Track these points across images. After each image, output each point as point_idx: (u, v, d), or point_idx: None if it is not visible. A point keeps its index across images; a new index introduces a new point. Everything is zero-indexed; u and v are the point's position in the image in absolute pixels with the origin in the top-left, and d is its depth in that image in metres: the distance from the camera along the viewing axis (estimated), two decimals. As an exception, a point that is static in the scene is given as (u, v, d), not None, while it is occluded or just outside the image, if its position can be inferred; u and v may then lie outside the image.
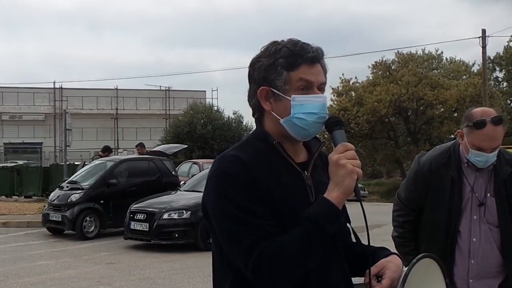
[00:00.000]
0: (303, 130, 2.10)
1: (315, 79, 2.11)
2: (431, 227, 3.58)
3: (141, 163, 17.74)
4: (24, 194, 27.98)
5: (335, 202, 1.96)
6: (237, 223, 1.99)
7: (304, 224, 1.95)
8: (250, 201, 2.00)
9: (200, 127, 35.82)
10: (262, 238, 1.95)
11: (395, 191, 17.31)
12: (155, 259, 12.44)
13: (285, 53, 2.11)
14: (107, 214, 15.80)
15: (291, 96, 2.09)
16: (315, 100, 2.10)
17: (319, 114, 2.09)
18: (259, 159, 2.09)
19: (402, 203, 3.79)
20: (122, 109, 55.25)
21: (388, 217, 14.96)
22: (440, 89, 35.73)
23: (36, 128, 53.91)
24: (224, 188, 2.03)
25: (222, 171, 2.06)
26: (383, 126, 37.32)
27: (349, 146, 2.00)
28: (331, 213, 1.95)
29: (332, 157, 1.99)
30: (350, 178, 1.95)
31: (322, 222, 1.94)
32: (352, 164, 1.96)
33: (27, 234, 16.43)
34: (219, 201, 2.03)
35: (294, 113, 2.09)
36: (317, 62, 2.13)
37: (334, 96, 38.87)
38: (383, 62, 39.06)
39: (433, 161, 3.59)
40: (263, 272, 1.93)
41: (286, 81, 2.10)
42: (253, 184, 2.02)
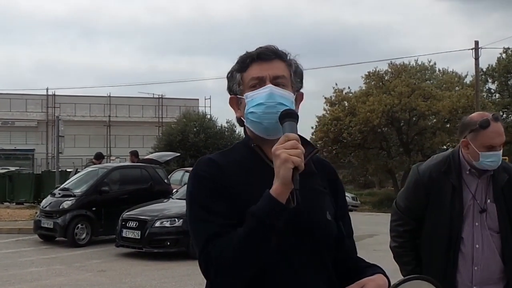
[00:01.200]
0: (258, 124, 2.13)
1: (266, 74, 2.15)
2: (433, 235, 3.60)
3: (133, 170, 17.73)
4: (15, 201, 27.84)
5: (274, 194, 1.93)
6: (198, 221, 2.07)
7: (247, 220, 1.96)
8: (212, 200, 2.06)
9: (193, 136, 35.82)
10: (215, 236, 1.99)
11: (387, 201, 17.43)
12: (146, 267, 12.42)
13: (239, 59, 2.22)
14: (99, 222, 15.78)
15: (244, 95, 2.17)
16: (262, 91, 2.12)
17: (266, 103, 2.10)
18: (238, 162, 2.15)
19: (401, 212, 3.79)
20: (115, 116, 55.15)
21: (380, 227, 14.99)
22: (433, 100, 35.86)
23: (28, 135, 53.75)
24: (193, 189, 2.13)
25: (195, 173, 2.16)
26: (375, 136, 37.40)
27: (291, 136, 1.95)
28: (270, 205, 1.93)
29: (273, 148, 1.97)
30: (284, 167, 1.90)
31: (262, 215, 1.93)
32: (289, 153, 1.90)
33: (18, 241, 16.38)
34: (188, 201, 2.14)
35: (247, 109, 2.15)
36: (268, 59, 2.18)
37: (327, 105, 38.95)
38: (376, 73, 39.20)
39: (433, 170, 3.62)
40: (210, 269, 1.99)
41: (239, 83, 2.19)
42: (222, 186, 2.08)
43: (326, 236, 2.14)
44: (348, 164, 42.06)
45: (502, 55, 51.37)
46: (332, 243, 2.17)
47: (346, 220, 2.33)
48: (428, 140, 36.40)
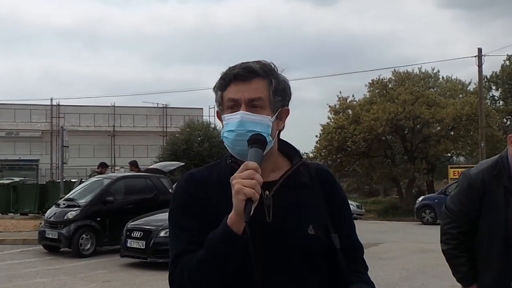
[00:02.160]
0: (231, 148, 2.14)
1: (241, 96, 2.09)
2: (489, 237, 3.64)
3: (138, 180, 17.72)
4: (20, 211, 27.84)
5: (229, 223, 1.93)
6: (171, 237, 2.14)
7: (205, 246, 1.99)
8: (184, 217, 2.11)
9: (197, 145, 35.81)
10: (182, 254, 2.04)
11: (392, 209, 17.41)
12: (151, 277, 12.40)
13: (221, 75, 2.17)
14: (103, 232, 15.77)
15: (222, 115, 2.16)
16: (233, 117, 2.10)
17: (236, 131, 2.08)
18: (218, 178, 2.15)
19: (454, 215, 3.84)
20: (119, 126, 55.29)
21: (385, 235, 14.95)
22: (437, 107, 35.81)
23: (32, 145, 53.84)
24: (171, 204, 2.19)
25: (174, 189, 2.25)
26: (379, 144, 37.34)
27: (249, 165, 1.93)
28: (224, 234, 1.94)
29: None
30: (236, 198, 1.89)
31: (215, 243, 1.95)
32: (243, 184, 1.89)
33: (22, 252, 16.37)
34: (168, 216, 2.18)
35: (222, 132, 2.15)
36: (246, 79, 2.11)
37: (332, 114, 38.93)
38: (380, 81, 39.19)
39: (485, 174, 3.69)
40: (173, 286, 2.07)
41: (219, 101, 2.17)
42: (195, 201, 2.10)
43: (303, 251, 2.10)
44: (353, 173, 41.98)
45: (505, 62, 51.41)
46: (314, 257, 2.13)
47: (346, 230, 2.26)
48: (432, 147, 36.32)
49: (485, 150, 33.28)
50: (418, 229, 24.64)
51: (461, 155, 40.85)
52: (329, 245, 2.15)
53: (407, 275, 12.30)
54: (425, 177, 37.24)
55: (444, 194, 26.82)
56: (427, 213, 27.17)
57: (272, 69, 2.16)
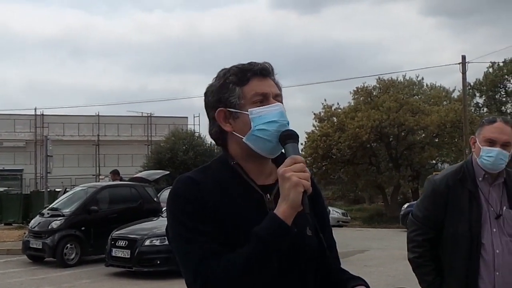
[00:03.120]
0: (267, 142, 2.08)
1: (270, 90, 2.12)
2: (453, 241, 3.63)
3: (122, 189, 17.69)
4: (4, 221, 27.66)
5: (282, 217, 1.93)
6: (185, 242, 2.02)
7: (251, 241, 1.94)
8: (197, 221, 2.02)
9: (182, 154, 35.78)
10: (209, 257, 1.96)
11: (377, 216, 17.49)
12: (137, 286, 12.36)
13: (234, 71, 2.15)
14: (88, 241, 15.68)
15: (248, 110, 2.10)
16: (273, 109, 2.09)
17: (280, 121, 2.08)
18: (216, 181, 2.10)
19: (420, 222, 3.83)
20: (103, 135, 55.03)
21: (371, 242, 14.94)
22: (421, 114, 36.00)
23: (16, 155, 53.48)
24: (174, 209, 2.08)
25: (174, 193, 2.10)
26: (364, 151, 37.46)
27: (298, 159, 1.96)
28: (278, 228, 1.93)
29: (279, 170, 1.96)
30: (295, 190, 1.91)
31: (268, 238, 1.93)
32: (299, 176, 1.91)
33: (6, 262, 16.25)
34: (171, 222, 2.09)
35: (254, 125, 2.08)
36: (267, 76, 2.15)
37: (316, 121, 39.02)
38: (365, 88, 39.34)
39: (449, 178, 3.70)
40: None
41: (240, 96, 2.11)
42: (202, 205, 2.04)
43: (308, 251, 2.14)
44: (338, 180, 42.05)
45: (489, 69, 51.82)
46: (314, 257, 2.17)
47: (327, 231, 2.31)
48: (417, 155, 36.49)
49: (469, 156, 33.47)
50: (403, 236, 24.47)
51: (445, 162, 41.04)
52: (320, 245, 2.19)
53: (392, 282, 12.31)
54: (410, 184, 37.42)
55: (429, 201, 26.95)
56: (412, 220, 27.24)
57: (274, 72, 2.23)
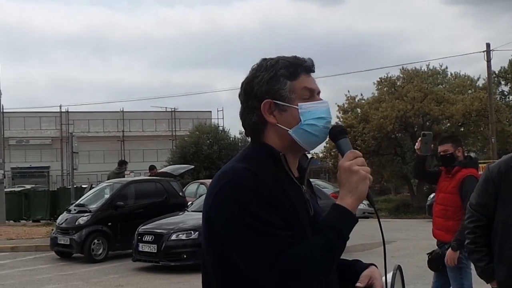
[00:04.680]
0: (314, 137, 2.14)
1: (316, 87, 2.18)
2: (504, 227, 3.62)
3: (148, 184, 17.75)
4: (32, 218, 27.99)
5: (350, 209, 2.01)
6: (259, 235, 1.95)
7: (325, 232, 1.97)
8: (269, 213, 1.98)
9: (206, 148, 35.81)
10: (285, 249, 1.94)
11: (403, 207, 17.42)
12: (164, 281, 12.40)
13: (284, 64, 2.15)
14: (115, 237, 15.77)
15: (297, 104, 2.12)
16: (322, 105, 2.16)
17: (327, 118, 2.16)
18: (265, 172, 2.07)
19: (473, 209, 3.85)
20: (128, 131, 55.40)
21: (397, 233, 14.89)
22: (446, 104, 35.65)
23: (43, 152, 54.06)
24: (242, 201, 1.98)
25: (237, 184, 2.01)
26: (389, 142, 37.21)
27: (358, 153, 2.07)
28: (348, 219, 2.00)
29: (343, 164, 2.04)
30: (364, 183, 2.01)
31: (343, 228, 1.99)
32: (365, 170, 2.03)
33: (35, 258, 16.41)
34: (238, 215, 1.97)
35: (304, 120, 2.12)
36: (313, 72, 2.21)
37: (340, 113, 38.85)
38: (388, 79, 39.05)
39: (502, 165, 3.70)
40: (291, 284, 1.92)
41: (291, 90, 2.13)
42: (268, 196, 2.00)
43: None
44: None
45: (514, 57, 51.15)
46: None
47: None
48: (442, 144, 36.18)
49: (496, 145, 33.12)
50: (430, 226, 24.35)
51: (471, 151, 40.61)
52: None
53: (420, 273, 12.22)
54: (436, 174, 37.09)
55: (456, 191, 26.71)
56: (439, 210, 27.03)
57: None
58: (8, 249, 18.00)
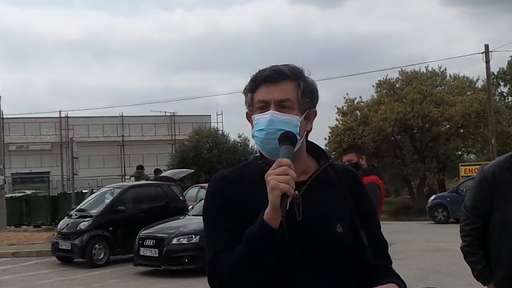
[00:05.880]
0: (261, 147, 2.21)
1: (271, 97, 2.19)
2: (500, 228, 3.62)
3: (148, 189, 17.79)
4: (33, 224, 28.01)
5: (266, 218, 2.00)
6: (208, 237, 2.21)
7: (243, 240, 2.05)
8: (220, 216, 2.17)
9: (206, 151, 35.83)
10: (221, 251, 2.10)
11: (403, 209, 17.47)
12: (165, 285, 12.43)
13: (252, 77, 2.25)
14: (116, 241, 15.81)
15: (252, 116, 2.23)
16: (263, 117, 2.18)
17: (266, 129, 2.16)
18: (250, 178, 2.21)
19: (468, 212, 3.84)
20: (128, 135, 55.40)
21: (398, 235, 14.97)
22: (445, 105, 35.67)
23: (43, 158, 54.03)
24: (206, 205, 2.26)
25: (207, 190, 2.31)
26: (389, 144, 37.22)
27: (283, 161, 2.00)
28: (262, 229, 2.01)
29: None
30: (272, 194, 1.96)
31: (253, 238, 2.02)
32: (278, 180, 1.95)
33: (37, 264, 16.44)
34: (203, 216, 2.26)
35: (252, 131, 2.22)
36: (275, 81, 2.20)
37: (339, 116, 38.85)
38: (387, 81, 39.07)
39: (496, 167, 3.70)
40: (213, 283, 2.12)
41: (249, 103, 2.26)
42: (229, 200, 2.17)
43: (334, 248, 2.17)
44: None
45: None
46: (343, 254, 2.20)
47: (372, 227, 2.33)
48: (442, 146, 36.17)
49: (495, 146, 33.14)
50: (430, 228, 24.55)
51: (471, 152, 40.67)
52: (357, 242, 2.23)
53: (421, 275, 12.27)
54: (436, 176, 37.08)
55: (456, 192, 26.73)
56: (439, 212, 27.04)
57: (300, 72, 2.26)
58: (9, 254, 18.04)
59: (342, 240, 2.17)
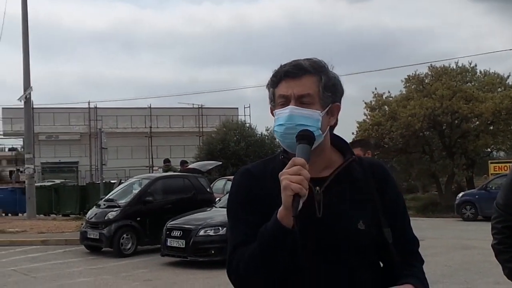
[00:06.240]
0: (281, 141, 2.22)
1: (291, 92, 2.18)
2: None
3: (176, 180, 17.87)
4: (61, 213, 28.32)
5: (279, 217, 2.00)
6: (230, 229, 2.24)
7: (257, 238, 2.06)
8: (243, 210, 2.20)
9: (233, 144, 35.87)
10: (241, 245, 2.11)
11: (431, 205, 17.34)
12: (192, 276, 12.51)
13: (273, 72, 2.26)
14: (144, 231, 15.93)
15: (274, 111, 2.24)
16: (283, 112, 2.17)
17: (285, 125, 2.15)
18: (272, 172, 2.19)
19: (500, 209, 3.79)
20: (156, 127, 55.67)
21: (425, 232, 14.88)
22: (475, 102, 35.29)
23: (72, 148, 54.50)
24: (229, 198, 2.30)
25: (231, 184, 2.34)
26: (417, 140, 36.94)
27: (296, 161, 1.99)
28: (273, 227, 2.01)
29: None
30: (284, 193, 1.96)
31: (266, 235, 2.03)
32: (291, 179, 1.94)
33: (65, 252, 16.65)
34: (227, 209, 2.30)
35: (274, 126, 2.22)
36: (296, 76, 2.19)
37: (367, 110, 38.65)
38: (416, 76, 38.75)
39: None
40: (230, 276, 2.16)
41: (271, 98, 2.26)
42: (252, 195, 2.19)
43: (354, 245, 2.14)
44: (390, 169, 41.36)
45: (545, 55, 50.37)
46: (364, 251, 2.17)
47: (399, 224, 2.29)
48: (471, 143, 35.81)
49: (526, 144, 32.73)
50: (458, 225, 24.34)
51: (501, 150, 40.16)
52: (381, 240, 2.19)
53: (449, 272, 12.19)
54: (464, 173, 36.72)
55: (485, 190, 26.44)
56: (467, 209, 26.80)
57: (322, 66, 2.23)
58: (39, 242, 18.28)
59: (362, 237, 2.15)
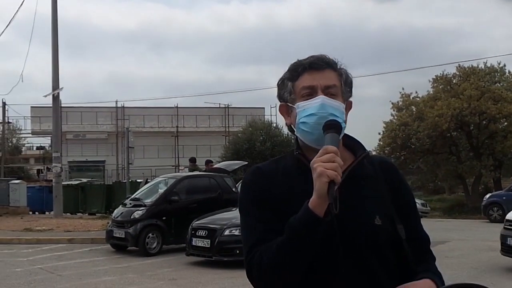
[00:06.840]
0: (309, 134, 2.17)
1: (318, 83, 2.18)
2: None
3: (202, 180, 17.90)
4: (88, 211, 28.56)
5: (311, 206, 1.97)
6: (245, 228, 2.21)
7: (285, 229, 2.02)
8: (257, 208, 2.17)
9: (259, 144, 35.90)
10: (260, 242, 2.08)
11: (458, 207, 17.21)
12: (216, 275, 12.52)
13: (290, 67, 2.27)
14: (169, 231, 15.98)
15: (296, 104, 2.21)
16: (314, 102, 2.16)
17: (318, 114, 2.13)
18: (285, 170, 2.22)
19: None
20: (182, 127, 55.86)
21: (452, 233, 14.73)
22: (504, 102, 34.97)
23: (99, 147, 54.87)
24: (240, 196, 2.27)
25: (242, 182, 2.32)
26: (444, 141, 36.70)
27: (329, 149, 1.98)
28: (306, 217, 1.97)
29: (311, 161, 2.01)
30: (319, 181, 1.93)
31: (298, 227, 1.98)
32: (325, 167, 1.93)
33: (91, 250, 16.77)
34: (239, 209, 2.27)
35: (298, 119, 2.18)
36: (320, 68, 2.20)
37: (394, 110, 38.47)
38: (444, 76, 38.49)
39: None
40: (253, 274, 2.09)
41: (291, 91, 2.24)
42: (264, 193, 2.17)
43: (371, 241, 2.13)
44: (417, 170, 41.30)
45: None
46: (380, 247, 2.16)
47: (412, 221, 2.29)
48: (499, 143, 35.48)
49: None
50: (485, 227, 24.11)
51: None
52: (395, 237, 2.18)
53: (475, 274, 12.07)
54: (492, 174, 36.39)
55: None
56: (495, 211, 26.56)
57: (338, 63, 2.26)
58: (65, 241, 18.46)
59: (380, 232, 2.14)
